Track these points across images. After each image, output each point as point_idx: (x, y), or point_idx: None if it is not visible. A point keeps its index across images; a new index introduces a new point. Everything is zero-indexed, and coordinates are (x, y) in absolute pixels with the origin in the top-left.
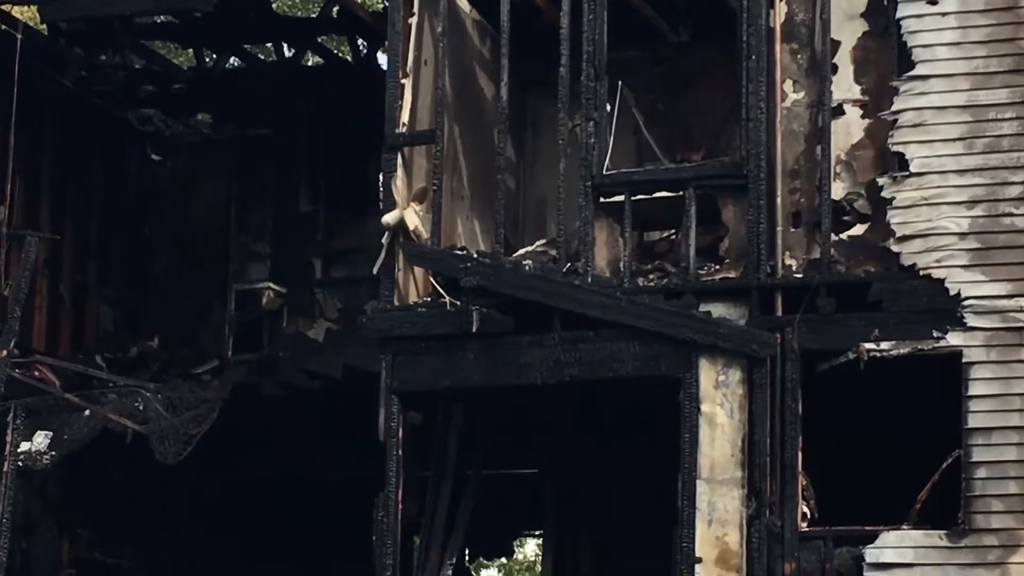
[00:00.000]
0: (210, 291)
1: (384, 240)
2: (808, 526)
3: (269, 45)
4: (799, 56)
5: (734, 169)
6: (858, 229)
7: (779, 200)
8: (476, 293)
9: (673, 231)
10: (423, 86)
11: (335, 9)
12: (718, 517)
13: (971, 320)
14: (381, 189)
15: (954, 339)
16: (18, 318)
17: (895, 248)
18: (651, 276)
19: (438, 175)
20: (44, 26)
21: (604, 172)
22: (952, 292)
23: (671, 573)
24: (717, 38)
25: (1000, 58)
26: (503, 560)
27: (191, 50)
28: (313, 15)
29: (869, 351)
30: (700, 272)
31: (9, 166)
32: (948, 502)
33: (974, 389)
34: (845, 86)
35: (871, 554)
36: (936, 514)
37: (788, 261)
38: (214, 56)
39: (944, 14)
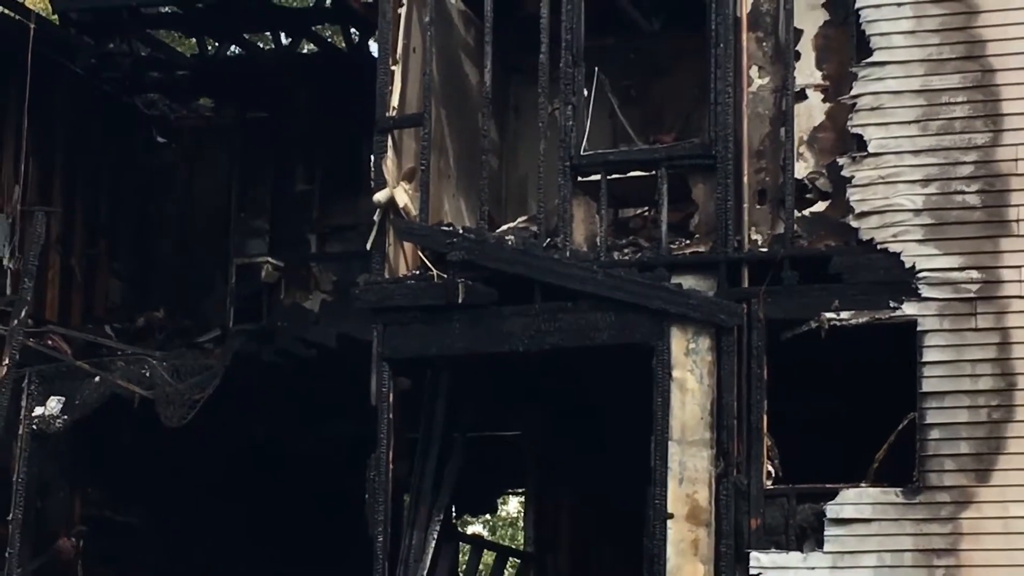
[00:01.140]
0: (212, 265)
1: (376, 217)
2: (773, 484)
3: (267, 34)
4: (764, 44)
5: (703, 150)
6: (820, 206)
7: (746, 179)
8: (462, 266)
9: (646, 208)
10: (412, 72)
11: (329, 0)
12: (688, 476)
13: (925, 291)
14: (372, 169)
15: (909, 309)
16: (30, 288)
17: (854, 224)
18: (626, 250)
19: (426, 156)
20: (55, 16)
21: (582, 153)
22: (907, 265)
23: (645, 528)
24: (687, 27)
25: (952, 45)
26: (487, 516)
27: (194, 39)
28: (309, 5)
29: (830, 320)
30: (672, 246)
31: (23, 149)
32: (904, 461)
33: (928, 356)
34: (807, 72)
35: (831, 510)
36: (893, 473)
37: (754, 236)
38: (216, 44)
39: (900, 4)
